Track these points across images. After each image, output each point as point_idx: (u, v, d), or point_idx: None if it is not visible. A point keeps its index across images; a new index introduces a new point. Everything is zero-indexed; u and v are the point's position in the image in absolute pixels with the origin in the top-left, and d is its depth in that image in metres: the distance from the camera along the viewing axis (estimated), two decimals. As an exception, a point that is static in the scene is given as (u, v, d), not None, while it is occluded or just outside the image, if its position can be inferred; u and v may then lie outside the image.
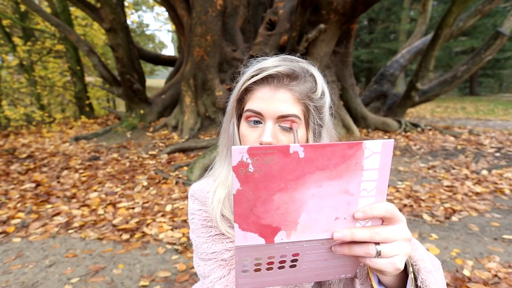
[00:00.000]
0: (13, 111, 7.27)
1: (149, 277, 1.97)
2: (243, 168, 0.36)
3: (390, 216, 0.39)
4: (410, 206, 2.95)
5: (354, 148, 0.36)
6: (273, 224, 0.39)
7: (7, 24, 8.32)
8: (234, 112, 0.63)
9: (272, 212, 0.38)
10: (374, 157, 0.37)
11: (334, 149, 0.36)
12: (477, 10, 6.65)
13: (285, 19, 5.85)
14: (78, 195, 3.31)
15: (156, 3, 15.81)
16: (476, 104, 13.15)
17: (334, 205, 0.39)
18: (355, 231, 0.39)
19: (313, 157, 0.36)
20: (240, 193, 0.37)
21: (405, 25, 14.38)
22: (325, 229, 0.40)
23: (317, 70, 0.62)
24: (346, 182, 0.38)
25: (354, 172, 0.37)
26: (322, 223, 0.39)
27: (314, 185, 0.37)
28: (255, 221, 0.38)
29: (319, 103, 0.59)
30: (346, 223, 0.40)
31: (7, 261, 2.14)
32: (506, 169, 3.87)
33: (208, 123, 5.89)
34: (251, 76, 0.57)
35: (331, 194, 0.38)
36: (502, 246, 2.22)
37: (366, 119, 6.72)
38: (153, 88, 13.32)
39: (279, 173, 0.36)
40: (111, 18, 5.40)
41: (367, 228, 0.39)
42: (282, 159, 0.36)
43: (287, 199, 0.38)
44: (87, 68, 10.33)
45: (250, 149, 0.35)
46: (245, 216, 0.38)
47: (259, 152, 0.35)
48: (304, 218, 0.39)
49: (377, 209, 0.39)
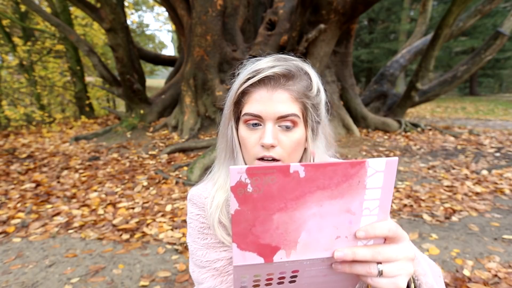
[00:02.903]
0: (13, 111, 7.27)
1: (149, 277, 1.97)
2: (241, 188, 0.35)
3: (393, 235, 0.39)
4: (410, 206, 2.95)
5: (357, 167, 0.35)
6: (272, 243, 0.38)
7: (7, 24, 8.32)
8: (231, 115, 0.63)
9: (271, 232, 0.37)
10: (377, 176, 0.36)
11: (336, 168, 0.35)
12: (477, 10, 6.65)
13: (285, 19, 5.85)
14: (78, 195, 3.30)
15: (156, 3, 15.81)
16: (476, 104, 13.15)
17: (335, 224, 0.38)
18: (356, 251, 0.38)
19: (314, 177, 0.35)
20: (238, 213, 0.36)
21: (405, 25, 14.39)
22: (325, 247, 0.39)
23: (311, 68, 0.62)
24: (348, 201, 0.37)
25: (357, 191, 0.37)
26: (323, 242, 0.39)
27: (315, 205, 0.37)
28: (253, 241, 0.38)
29: (315, 101, 0.60)
30: (348, 242, 0.39)
31: (7, 261, 2.14)
32: (506, 169, 3.87)
33: (208, 123, 5.89)
34: (247, 79, 0.57)
35: (332, 213, 0.37)
36: (502, 246, 2.22)
37: (366, 119, 6.72)
38: (153, 88, 13.32)
39: (279, 192, 0.35)
40: (111, 18, 5.40)
41: (369, 247, 0.39)
42: (282, 178, 0.35)
43: (286, 219, 0.37)
44: (87, 68, 10.33)
45: (249, 169, 0.34)
46: (243, 236, 0.37)
47: (258, 172, 0.34)
48: (304, 237, 0.38)
49: (379, 228, 0.38)
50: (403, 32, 14.89)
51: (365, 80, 19.30)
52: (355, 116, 6.68)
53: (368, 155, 4.82)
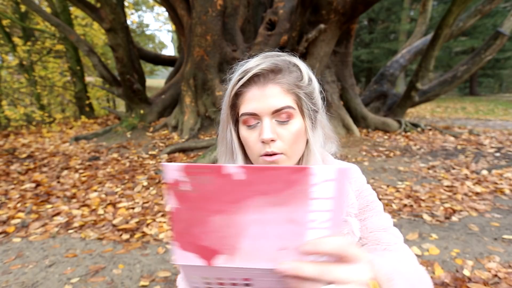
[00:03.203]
0: (13, 111, 7.28)
1: (149, 277, 1.97)
2: (178, 186, 0.34)
3: (342, 254, 0.34)
4: (410, 206, 2.95)
5: (300, 173, 0.32)
6: (211, 246, 0.36)
7: (7, 24, 8.33)
8: (229, 119, 0.63)
9: (210, 234, 0.35)
10: (327, 185, 0.32)
11: (276, 173, 0.32)
12: (477, 10, 6.65)
13: (285, 19, 5.85)
14: (78, 195, 3.30)
15: (156, 3, 15.82)
16: (476, 104, 13.15)
17: (279, 234, 0.35)
18: (302, 266, 0.34)
19: (252, 180, 0.33)
20: (176, 211, 0.35)
21: (405, 25, 14.39)
22: (270, 258, 0.35)
23: (299, 60, 0.63)
24: (292, 210, 0.34)
25: (301, 200, 0.33)
26: (267, 252, 0.35)
27: (256, 210, 0.34)
28: (193, 242, 0.36)
29: (308, 89, 0.60)
30: (292, 255, 0.35)
31: (7, 261, 2.14)
32: (506, 169, 3.87)
33: (208, 123, 5.89)
34: (238, 80, 0.58)
35: (275, 222, 0.34)
36: (502, 246, 2.22)
37: (366, 119, 6.72)
38: (153, 88, 13.32)
39: (216, 194, 0.34)
40: (111, 18, 5.40)
41: (317, 265, 0.34)
42: (217, 179, 0.33)
43: (225, 222, 0.35)
44: (87, 68, 10.33)
45: (186, 167, 0.33)
46: (182, 235, 0.36)
47: (194, 170, 0.33)
48: (246, 244, 0.35)
49: (326, 244, 0.34)
50: (403, 32, 14.89)
51: (365, 80, 19.30)
52: (355, 116, 6.68)
53: (368, 155, 4.82)
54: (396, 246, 0.59)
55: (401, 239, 0.61)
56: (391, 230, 0.62)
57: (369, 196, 0.66)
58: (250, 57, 0.62)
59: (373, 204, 0.65)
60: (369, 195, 0.66)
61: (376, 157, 4.72)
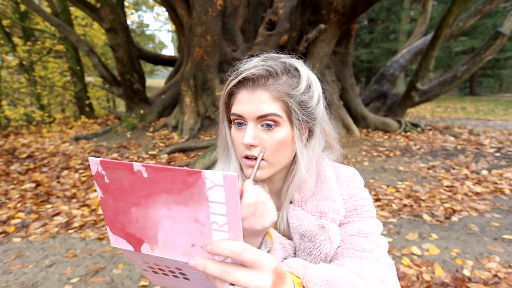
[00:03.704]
0: (13, 111, 7.28)
1: (149, 277, 1.97)
2: (100, 178, 0.37)
3: (236, 258, 0.35)
4: (410, 206, 2.95)
5: (194, 177, 0.34)
6: (136, 234, 0.39)
7: (7, 24, 8.32)
8: (224, 116, 0.65)
9: (133, 224, 0.39)
10: (218, 190, 0.34)
11: (174, 174, 0.34)
12: (477, 10, 6.65)
13: (285, 19, 5.85)
14: (78, 195, 3.30)
15: (156, 3, 15.82)
16: (476, 104, 13.15)
17: (187, 231, 0.37)
18: (208, 264, 0.36)
19: (155, 179, 0.35)
20: (103, 200, 0.39)
21: (405, 25, 14.39)
22: (184, 252, 0.38)
23: (302, 64, 0.61)
24: (194, 210, 0.36)
25: (199, 201, 0.35)
26: (180, 246, 0.38)
27: (164, 206, 0.36)
28: (121, 228, 0.40)
29: (302, 98, 0.58)
30: (204, 253, 0.37)
31: (7, 261, 2.14)
32: (506, 169, 3.87)
33: (208, 123, 5.89)
34: (230, 81, 0.59)
35: (182, 220, 0.37)
36: (502, 246, 2.22)
37: (366, 119, 6.72)
38: (153, 88, 13.33)
39: (130, 188, 0.37)
40: (111, 18, 5.40)
41: (220, 264, 0.36)
42: (129, 175, 0.36)
43: (142, 214, 0.38)
44: (87, 68, 10.33)
45: (102, 162, 0.36)
46: (112, 222, 0.40)
47: (109, 166, 0.36)
48: (162, 236, 0.38)
49: (221, 247, 0.35)
50: (403, 32, 14.89)
51: (365, 80, 19.30)
52: (355, 116, 6.68)
53: (368, 155, 4.82)
54: (371, 254, 0.57)
55: (383, 248, 0.59)
56: (373, 237, 0.60)
57: (361, 200, 0.65)
58: (252, 57, 0.62)
59: (362, 208, 0.64)
60: (360, 200, 0.65)
61: (376, 157, 4.72)
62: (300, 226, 0.61)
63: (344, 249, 0.59)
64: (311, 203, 0.62)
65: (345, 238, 0.60)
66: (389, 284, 0.52)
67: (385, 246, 0.60)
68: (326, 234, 0.59)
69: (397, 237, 2.38)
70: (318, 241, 0.59)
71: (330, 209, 0.61)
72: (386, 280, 0.52)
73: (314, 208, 0.62)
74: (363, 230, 0.61)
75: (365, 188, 0.68)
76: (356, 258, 0.56)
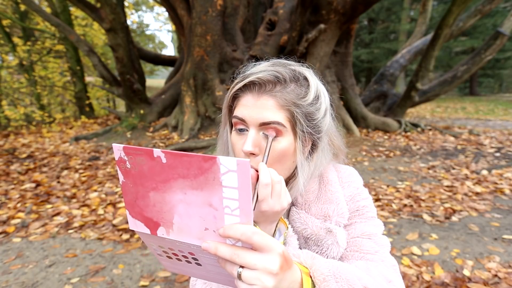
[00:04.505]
0: (13, 111, 7.27)
1: (149, 277, 1.97)
2: (122, 163, 0.40)
3: (246, 241, 0.37)
4: (410, 206, 2.95)
5: (209, 162, 0.35)
6: (153, 218, 0.42)
7: (7, 24, 8.33)
8: (226, 119, 0.63)
9: (150, 208, 0.41)
10: (231, 175, 0.35)
11: (190, 159, 0.36)
12: (477, 10, 6.65)
13: (285, 19, 5.85)
14: (78, 195, 3.30)
15: (156, 3, 15.82)
16: (476, 104, 13.15)
17: (201, 215, 0.39)
18: (219, 247, 0.38)
19: (173, 164, 0.37)
20: (124, 184, 0.41)
21: (405, 25, 14.39)
22: (197, 236, 0.40)
23: (312, 74, 0.59)
24: (208, 195, 0.37)
25: (213, 186, 0.37)
26: (194, 230, 0.40)
27: (180, 191, 0.38)
28: (139, 212, 0.42)
29: (309, 109, 0.56)
30: (216, 236, 0.39)
31: (7, 261, 2.14)
32: (506, 169, 3.87)
33: (208, 123, 5.89)
34: (236, 83, 0.57)
35: (196, 204, 0.38)
36: (502, 246, 2.22)
37: (366, 119, 6.72)
38: (153, 88, 13.32)
39: (150, 173, 0.39)
40: (111, 18, 5.40)
41: (230, 247, 0.38)
42: (149, 161, 0.38)
43: (160, 199, 0.40)
44: (87, 68, 10.33)
45: (125, 148, 0.39)
46: (131, 205, 0.42)
47: (131, 151, 0.38)
48: (177, 220, 0.40)
49: (233, 230, 0.37)
50: (403, 32, 14.89)
51: (365, 80, 19.30)
52: (355, 116, 6.68)
53: (368, 155, 4.82)
54: (376, 255, 0.57)
55: (386, 249, 0.59)
56: (376, 238, 0.60)
57: (362, 201, 0.64)
58: (260, 60, 0.60)
59: (364, 209, 0.63)
60: (361, 200, 0.64)
61: (376, 157, 4.72)
62: (305, 229, 0.60)
63: (349, 252, 0.59)
64: (315, 206, 0.61)
65: (349, 241, 0.60)
66: (395, 285, 0.52)
67: (388, 247, 0.60)
68: (334, 238, 0.58)
69: (397, 237, 2.38)
70: (326, 245, 0.58)
71: (334, 213, 0.60)
72: (392, 280, 0.52)
73: (318, 211, 0.60)
74: (366, 231, 0.60)
75: (364, 188, 0.68)
76: (362, 261, 0.56)
